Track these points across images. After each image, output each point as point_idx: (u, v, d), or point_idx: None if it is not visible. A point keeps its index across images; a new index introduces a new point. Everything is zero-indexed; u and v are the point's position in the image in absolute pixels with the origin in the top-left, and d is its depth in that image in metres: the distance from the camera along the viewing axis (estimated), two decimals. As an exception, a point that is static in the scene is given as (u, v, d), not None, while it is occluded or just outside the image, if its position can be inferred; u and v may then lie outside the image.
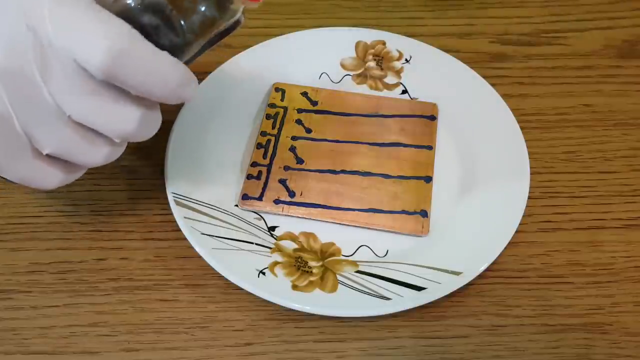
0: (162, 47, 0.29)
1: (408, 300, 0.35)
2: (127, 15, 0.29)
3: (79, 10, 0.28)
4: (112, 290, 0.38)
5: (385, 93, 0.47)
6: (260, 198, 0.40)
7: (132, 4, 0.29)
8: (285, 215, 0.40)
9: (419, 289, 0.36)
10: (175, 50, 0.30)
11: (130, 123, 0.30)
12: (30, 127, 0.30)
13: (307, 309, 0.35)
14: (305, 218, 0.40)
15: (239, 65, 0.46)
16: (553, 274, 0.39)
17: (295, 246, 0.39)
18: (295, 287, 0.36)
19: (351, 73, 0.47)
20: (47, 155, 0.31)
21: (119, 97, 0.29)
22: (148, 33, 0.29)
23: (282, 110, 0.45)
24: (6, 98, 0.29)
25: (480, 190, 0.41)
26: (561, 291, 0.38)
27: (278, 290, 0.36)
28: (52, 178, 0.33)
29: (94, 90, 0.29)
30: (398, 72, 0.47)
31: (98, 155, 0.32)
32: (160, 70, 0.29)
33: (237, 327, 0.37)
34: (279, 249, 0.38)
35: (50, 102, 0.29)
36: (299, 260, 0.38)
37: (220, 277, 0.36)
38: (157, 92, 0.29)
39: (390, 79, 0.47)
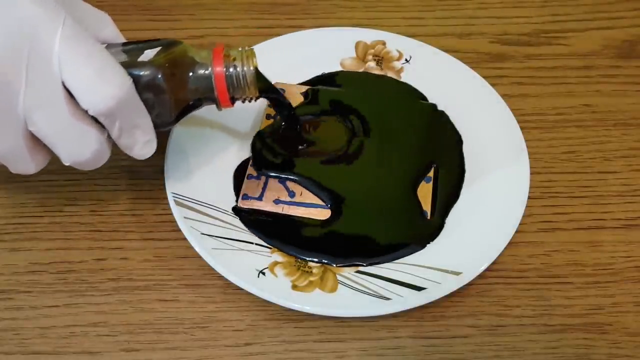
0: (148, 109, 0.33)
1: (408, 300, 0.35)
2: (130, 72, 0.32)
3: (89, 50, 0.30)
4: (112, 290, 0.38)
5: (385, 93, 0.47)
6: (260, 198, 0.40)
7: (140, 74, 0.32)
8: (285, 215, 0.40)
9: (419, 289, 0.36)
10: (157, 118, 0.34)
11: (87, 154, 0.32)
12: None
13: (307, 309, 0.35)
14: (305, 218, 0.40)
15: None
16: (553, 274, 0.39)
17: (295, 246, 0.39)
18: (295, 287, 0.36)
19: (351, 73, 0.47)
20: None
21: (89, 129, 0.31)
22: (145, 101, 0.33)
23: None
24: None
25: (480, 191, 0.41)
26: (561, 291, 0.38)
27: (278, 290, 0.36)
28: None
29: (70, 117, 0.30)
30: (398, 72, 0.47)
31: (30, 166, 0.33)
32: (141, 125, 0.33)
33: (237, 327, 0.37)
34: (279, 249, 0.38)
35: (19, 113, 0.30)
36: (299, 260, 0.38)
37: (220, 277, 0.36)
38: (128, 140, 0.33)
39: (390, 79, 0.47)
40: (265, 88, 0.37)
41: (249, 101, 0.37)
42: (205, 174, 0.41)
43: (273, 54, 0.46)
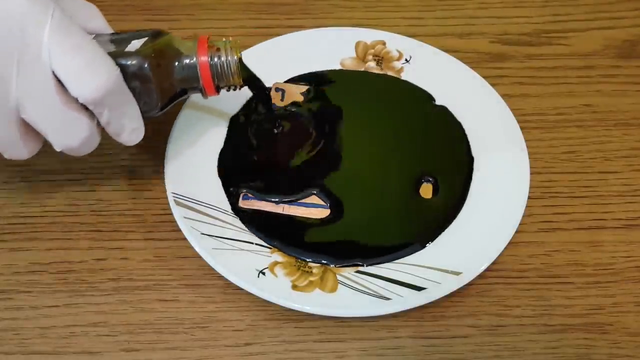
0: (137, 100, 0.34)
1: (408, 300, 0.35)
2: (117, 62, 0.33)
3: (78, 41, 0.31)
4: (112, 290, 0.38)
5: (385, 93, 0.47)
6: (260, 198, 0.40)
7: (127, 64, 0.33)
8: (286, 215, 0.40)
9: (419, 289, 0.36)
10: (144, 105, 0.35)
11: (77, 140, 0.33)
12: None
13: (307, 309, 0.35)
14: (306, 218, 0.40)
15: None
16: (553, 274, 0.39)
17: (295, 246, 0.39)
18: (295, 287, 0.36)
19: (351, 73, 0.47)
20: None
21: (80, 116, 0.32)
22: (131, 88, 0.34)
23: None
24: None
25: (480, 190, 0.41)
26: (561, 291, 0.38)
27: (278, 290, 0.36)
28: None
29: (61, 105, 0.31)
30: (398, 72, 0.47)
31: (23, 152, 0.34)
32: (129, 113, 0.34)
33: (237, 327, 0.37)
34: (279, 249, 0.38)
35: (11, 101, 0.31)
36: (299, 260, 0.38)
37: (220, 277, 0.36)
38: (117, 128, 0.34)
39: (390, 79, 0.47)
40: (248, 77, 0.38)
41: (234, 89, 0.38)
42: (205, 174, 0.41)
43: (272, 54, 0.47)
